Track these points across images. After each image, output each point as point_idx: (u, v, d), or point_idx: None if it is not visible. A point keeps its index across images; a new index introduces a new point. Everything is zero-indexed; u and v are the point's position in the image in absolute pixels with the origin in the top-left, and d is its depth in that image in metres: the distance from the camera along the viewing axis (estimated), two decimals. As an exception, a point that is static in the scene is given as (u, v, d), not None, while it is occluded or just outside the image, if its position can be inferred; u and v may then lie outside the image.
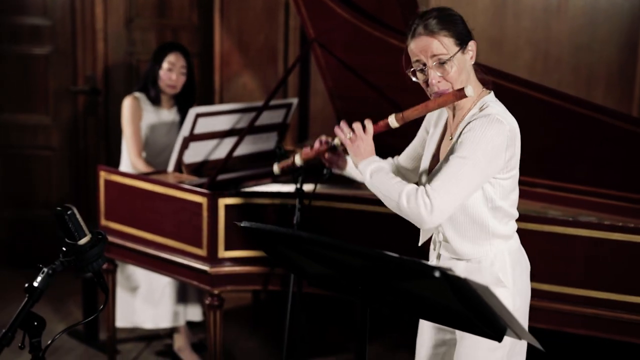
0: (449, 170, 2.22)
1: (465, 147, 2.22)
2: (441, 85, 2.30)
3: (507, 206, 2.35)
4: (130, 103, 4.12)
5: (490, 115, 2.24)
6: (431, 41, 2.26)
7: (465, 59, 2.30)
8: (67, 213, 1.86)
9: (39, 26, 5.21)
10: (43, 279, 1.85)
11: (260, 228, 1.90)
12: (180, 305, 4.17)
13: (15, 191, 5.44)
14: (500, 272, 2.33)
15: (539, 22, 4.59)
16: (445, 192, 2.20)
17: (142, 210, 3.60)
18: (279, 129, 4.20)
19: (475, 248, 2.34)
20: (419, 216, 2.22)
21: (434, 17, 2.28)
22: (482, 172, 2.23)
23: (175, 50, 4.13)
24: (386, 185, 2.29)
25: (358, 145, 2.38)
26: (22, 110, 5.34)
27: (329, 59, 3.87)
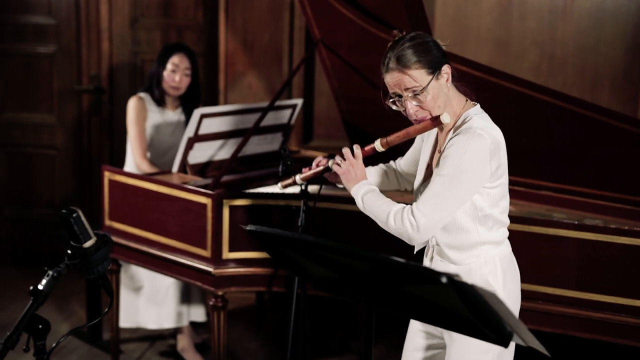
0: (432, 190, 2.29)
1: (447, 164, 2.27)
2: (419, 113, 2.35)
3: (497, 213, 2.39)
4: (135, 104, 4.11)
5: (471, 130, 2.28)
6: (402, 76, 2.31)
7: (440, 84, 2.34)
8: (72, 216, 1.85)
9: (43, 25, 5.21)
10: (48, 282, 1.85)
11: (266, 232, 1.90)
12: (184, 306, 4.17)
13: (19, 190, 5.44)
14: (490, 276, 2.38)
15: (545, 23, 4.58)
16: (429, 210, 2.27)
17: (146, 210, 3.59)
18: (284, 130, 4.19)
19: (465, 254, 2.40)
20: (407, 235, 2.31)
21: (407, 47, 2.32)
22: (465, 187, 2.28)
23: (179, 52, 4.12)
24: (375, 207, 2.37)
25: (348, 170, 2.47)
26: (27, 109, 5.34)
27: (334, 59, 3.87)
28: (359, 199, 2.43)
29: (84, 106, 5.29)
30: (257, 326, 4.57)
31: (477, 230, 2.36)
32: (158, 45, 5.12)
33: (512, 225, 2.98)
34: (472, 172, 2.26)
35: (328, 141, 4.92)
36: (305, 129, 5.00)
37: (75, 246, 1.88)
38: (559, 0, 4.54)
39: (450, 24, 4.65)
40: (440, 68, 2.33)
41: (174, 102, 4.20)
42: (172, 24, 5.17)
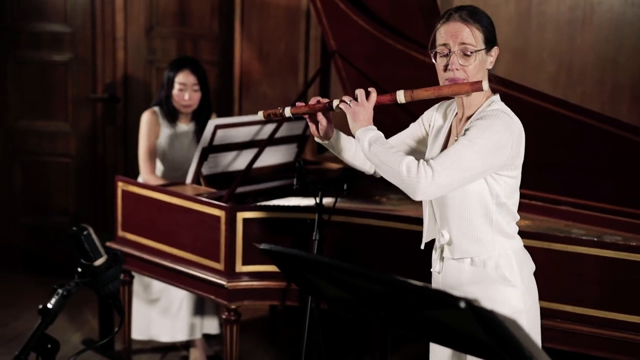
0: (454, 149, 2.22)
1: (472, 131, 2.22)
2: (458, 73, 2.30)
3: (511, 204, 2.35)
4: (148, 118, 4.09)
5: (500, 109, 2.28)
6: (463, 28, 2.28)
7: (486, 59, 2.33)
8: (83, 233, 1.82)
9: (59, 33, 5.20)
10: (57, 300, 1.81)
11: (280, 251, 1.86)
12: (197, 318, 4.13)
13: (34, 198, 5.43)
14: (507, 271, 2.33)
15: (564, 33, 4.52)
16: (447, 166, 2.19)
17: (160, 222, 3.57)
18: (299, 141, 4.15)
19: (480, 247, 2.34)
20: (417, 185, 2.19)
21: (471, 10, 2.32)
22: (484, 159, 2.22)
23: (184, 69, 4.05)
24: (386, 154, 2.25)
25: (357, 111, 2.34)
26: (41, 117, 5.33)
27: (350, 70, 3.83)
28: (366, 142, 2.29)
29: (99, 114, 5.28)
30: (270, 338, 4.52)
31: (492, 217, 2.32)
32: (173, 54, 5.11)
33: (531, 242, 2.94)
34: (494, 147, 2.22)
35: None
36: (320, 139, 4.95)
37: (86, 264, 1.84)
38: (578, 11, 4.48)
39: (467, 34, 4.60)
40: (493, 46, 2.33)
41: (187, 116, 4.17)
42: (187, 32, 5.15)
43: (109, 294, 1.89)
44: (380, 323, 1.89)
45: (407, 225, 3.20)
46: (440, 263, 2.46)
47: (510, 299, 2.33)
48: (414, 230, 3.17)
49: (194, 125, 4.17)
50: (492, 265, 2.34)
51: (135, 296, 4.08)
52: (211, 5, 5.10)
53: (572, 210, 3.47)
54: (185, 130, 4.16)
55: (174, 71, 4.06)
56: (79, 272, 1.86)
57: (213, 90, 5.14)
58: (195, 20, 5.14)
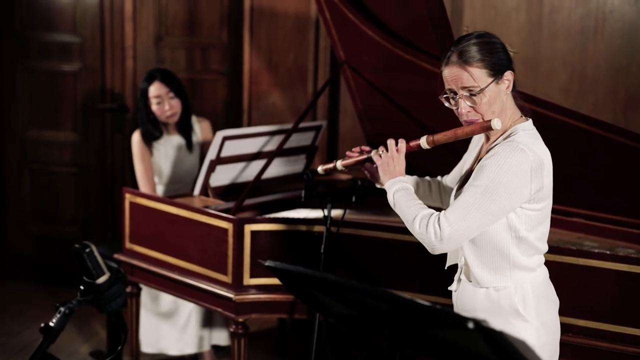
0: (463, 199, 2.19)
1: (482, 175, 2.17)
2: (470, 115, 2.26)
3: (533, 238, 2.27)
4: (139, 139, 4.08)
5: (514, 143, 2.18)
6: (461, 72, 2.22)
7: (499, 89, 2.24)
8: (85, 251, 1.79)
9: (68, 43, 5.20)
10: (59, 319, 1.78)
11: (285, 268, 1.82)
12: (206, 330, 4.11)
13: (43, 207, 5.43)
14: (520, 305, 2.26)
15: (575, 43, 4.47)
16: (456, 221, 2.16)
17: (167, 234, 3.54)
18: (308, 152, 4.12)
19: (495, 277, 2.28)
20: (429, 242, 2.21)
21: (472, 44, 2.23)
22: (498, 203, 2.16)
23: (154, 81, 4.03)
24: (405, 206, 2.27)
25: (387, 163, 2.36)
26: (51, 127, 5.33)
27: (359, 81, 3.80)
28: (391, 194, 2.31)
29: (108, 124, 5.27)
30: (278, 351, 4.49)
31: (509, 251, 2.24)
32: (182, 64, 5.09)
33: (542, 255, 2.90)
34: (507, 188, 2.15)
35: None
36: (329, 149, 4.92)
37: (88, 282, 1.82)
38: (590, 19, 4.43)
39: (478, 43, 4.56)
40: (503, 73, 2.23)
41: (173, 127, 4.14)
42: (196, 42, 5.13)
43: (112, 312, 1.86)
44: (388, 341, 1.86)
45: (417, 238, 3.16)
46: (458, 284, 2.41)
47: (523, 333, 2.24)
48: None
49: (183, 134, 4.15)
50: (506, 298, 2.27)
51: (143, 309, 4.06)
52: (220, 15, 5.08)
53: (584, 222, 3.42)
54: (178, 141, 4.14)
55: (145, 87, 4.05)
56: (81, 290, 1.83)
57: (222, 101, 5.14)
58: (205, 30, 5.12)
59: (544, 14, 4.49)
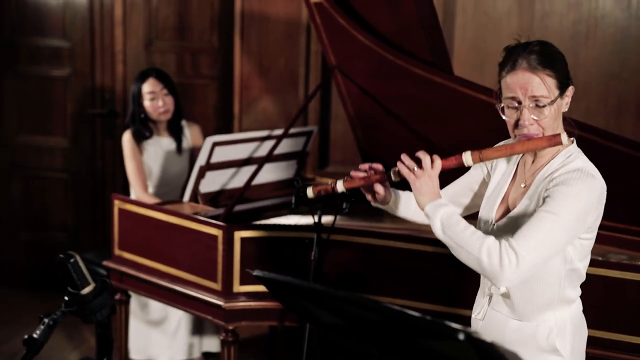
0: (537, 225, 1.99)
1: (556, 203, 2.00)
2: (533, 128, 2.08)
3: (582, 268, 2.16)
4: (129, 138, 4.05)
5: (583, 170, 2.05)
6: (533, 78, 2.04)
7: (561, 104, 2.10)
8: (69, 261, 1.76)
9: (58, 48, 5.16)
10: (43, 330, 1.75)
11: (272, 278, 1.80)
12: (196, 337, 4.08)
13: (33, 214, 5.38)
14: (558, 341, 2.14)
15: (567, 48, 4.44)
16: (532, 248, 1.97)
17: (156, 241, 3.51)
18: (299, 158, 4.10)
19: (538, 313, 2.15)
20: (501, 274, 1.97)
21: (538, 52, 2.07)
22: (570, 232, 2.02)
23: (149, 78, 4.04)
24: (463, 237, 2.03)
25: (424, 181, 2.11)
26: (40, 132, 5.29)
27: (350, 86, 3.77)
28: (437, 221, 2.06)
29: (98, 129, 5.23)
30: (269, 358, 4.46)
31: (559, 284, 2.12)
32: (173, 69, 5.06)
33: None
34: (581, 216, 2.01)
35: (344, 167, 4.81)
36: (321, 155, 4.90)
37: (73, 292, 1.79)
38: (581, 25, 4.43)
39: (469, 49, 4.55)
40: (567, 87, 2.10)
41: (166, 128, 4.12)
42: (187, 47, 5.10)
43: (97, 323, 1.83)
44: (378, 351, 1.83)
45: (410, 245, 3.14)
46: (484, 310, 2.26)
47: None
48: (416, 250, 3.11)
49: (175, 137, 4.14)
50: (544, 333, 2.15)
51: (132, 316, 4.02)
52: (211, 19, 5.05)
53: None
54: (167, 143, 4.12)
55: (139, 84, 4.04)
56: (66, 301, 1.80)
57: (212, 106, 5.11)
58: (195, 35, 5.10)
59: (535, 19, 4.48)
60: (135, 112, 4.05)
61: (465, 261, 2.06)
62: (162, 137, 4.12)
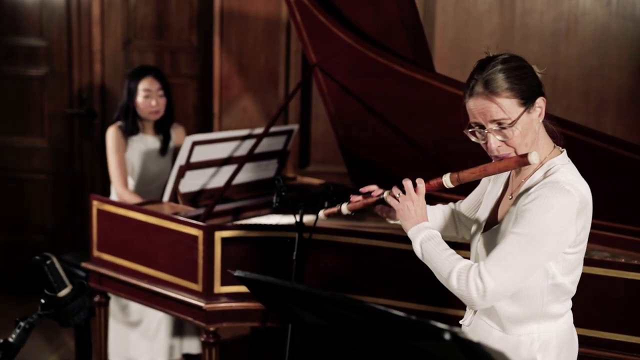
0: (506, 249, 1.98)
1: (526, 222, 1.97)
2: (502, 149, 2.05)
3: (569, 282, 2.10)
4: (114, 133, 4.00)
5: (558, 184, 1.99)
6: (489, 105, 2.00)
7: (531, 118, 2.03)
8: (46, 263, 1.72)
9: (34, 47, 5.10)
10: (19, 334, 1.71)
11: (255, 278, 1.76)
12: (177, 339, 4.04)
13: (10, 215, 5.31)
14: (539, 354, 2.10)
15: (548, 45, 4.46)
16: (500, 274, 1.96)
17: (136, 241, 3.46)
18: (279, 157, 4.06)
19: (521, 324, 2.11)
20: (470, 299, 2.00)
21: (497, 71, 1.99)
22: (546, 252, 1.98)
23: (147, 75, 3.99)
24: (436, 258, 2.05)
25: (407, 207, 2.13)
26: (17, 133, 5.22)
27: (331, 84, 3.75)
28: (417, 245, 2.09)
29: (76, 130, 5.17)
30: (251, 359, 4.42)
31: (542, 299, 2.07)
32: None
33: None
34: (555, 234, 1.96)
35: (325, 166, 4.79)
36: (301, 154, 4.87)
37: (49, 295, 1.74)
38: (562, 22, 4.43)
39: (450, 47, 4.53)
40: (534, 100, 2.02)
41: (152, 127, 4.08)
42: (165, 45, 5.05)
43: (74, 326, 1.79)
44: (363, 352, 1.80)
45: (394, 244, 3.11)
46: (471, 317, 2.24)
47: None
48: (400, 249, 3.09)
49: (160, 136, 4.09)
50: (526, 345, 2.10)
51: (112, 317, 3.97)
52: (190, 18, 5.01)
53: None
54: (152, 142, 4.08)
55: (137, 79, 3.99)
56: (42, 304, 1.76)
57: (192, 105, 5.06)
58: (174, 33, 5.05)
59: (516, 16, 4.48)
60: (128, 106, 4.00)
61: (443, 283, 2.07)
62: (148, 136, 4.08)
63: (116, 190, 3.99)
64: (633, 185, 3.13)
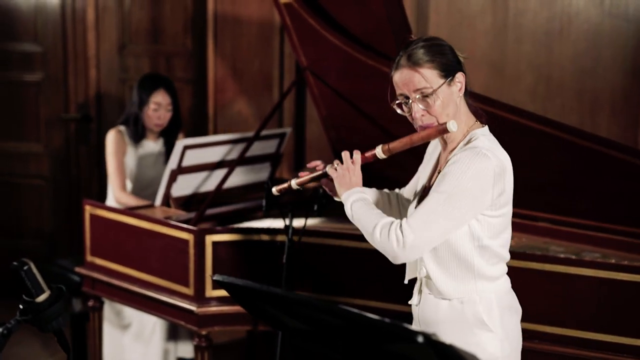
0: (426, 206, 2.13)
1: (446, 182, 2.12)
2: (425, 119, 2.20)
3: (497, 246, 2.23)
4: (114, 137, 4.00)
5: (476, 149, 2.14)
6: (413, 74, 2.18)
7: (452, 91, 2.20)
8: (23, 268, 1.72)
9: (29, 52, 5.11)
10: (-3, 340, 1.71)
11: (232, 283, 1.76)
12: (171, 343, 4.03)
13: (6, 220, 5.33)
14: (485, 314, 2.22)
15: (541, 45, 4.45)
16: (420, 228, 2.11)
17: (128, 246, 3.47)
18: (272, 160, 4.06)
19: (459, 287, 2.23)
20: (392, 251, 2.14)
21: (420, 47, 2.19)
22: (462, 209, 2.12)
23: (160, 88, 3.97)
24: (363, 216, 2.20)
25: (344, 175, 2.28)
26: (13, 138, 5.23)
27: (322, 87, 3.74)
28: (348, 206, 2.24)
29: (72, 135, 5.18)
30: (247, 361, 4.43)
31: (472, 261, 2.20)
32: (146, 72, 5.01)
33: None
34: (471, 193, 2.11)
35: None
36: (296, 156, 4.87)
37: (28, 300, 1.74)
38: (555, 22, 4.41)
39: (444, 47, 4.52)
40: (454, 74, 2.20)
41: (154, 134, 4.08)
42: (160, 50, 5.06)
43: (53, 332, 1.79)
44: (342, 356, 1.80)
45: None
46: (419, 296, 2.35)
47: (487, 344, 2.22)
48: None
49: (162, 143, 4.09)
50: (470, 308, 2.22)
51: (107, 322, 3.98)
52: (184, 22, 5.01)
53: (550, 227, 3.39)
54: (153, 148, 4.08)
55: (149, 90, 3.97)
56: (20, 309, 1.76)
57: (187, 109, 5.07)
58: (168, 38, 5.05)
59: (509, 16, 4.46)
60: (137, 115, 3.99)
61: (368, 240, 2.20)
62: (149, 141, 4.07)
63: (114, 193, 3.99)
64: (622, 186, 3.13)
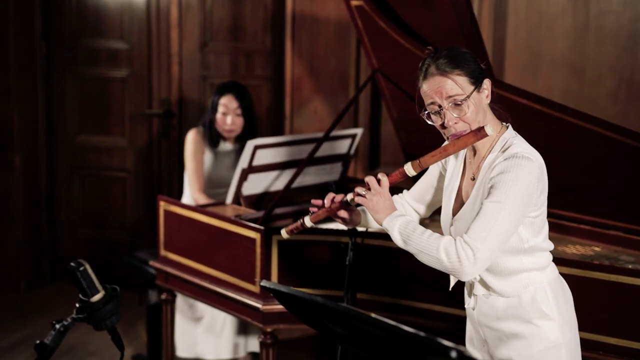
0: (486, 217, 2.14)
1: (498, 191, 2.14)
2: (458, 126, 2.22)
3: (540, 242, 2.29)
4: (193, 137, 4.10)
5: (518, 154, 2.17)
6: (445, 81, 2.20)
7: (481, 97, 2.24)
8: (79, 269, 1.81)
9: (116, 49, 5.29)
10: (54, 336, 1.81)
11: (277, 289, 1.81)
12: (241, 337, 4.12)
13: (92, 211, 5.53)
14: (544, 305, 2.26)
15: (624, 48, 4.32)
16: (484, 240, 2.12)
17: (199, 242, 3.56)
18: (343, 160, 4.09)
19: (512, 284, 2.28)
20: (461, 269, 2.14)
21: (445, 56, 2.23)
22: (518, 214, 2.16)
23: (227, 93, 4.05)
24: (420, 241, 2.19)
25: (376, 201, 2.27)
26: (100, 133, 5.42)
27: (393, 89, 3.75)
28: (396, 233, 2.23)
29: (154, 130, 5.34)
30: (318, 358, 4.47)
31: (521, 259, 2.26)
32: (227, 70, 5.12)
33: (573, 270, 2.81)
34: (523, 199, 2.15)
35: (395, 168, 4.74)
36: (371, 156, 4.88)
37: (83, 300, 1.83)
38: (639, 23, 4.28)
39: (522, 49, 4.46)
40: (482, 81, 2.24)
41: (230, 138, 4.14)
42: (240, 48, 5.15)
43: (107, 330, 1.87)
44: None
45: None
46: (473, 299, 2.39)
47: (549, 332, 2.27)
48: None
49: (238, 145, 4.15)
50: (528, 300, 2.27)
51: (180, 314, 4.10)
52: (264, 20, 5.09)
53: (622, 235, 3.31)
54: (229, 149, 4.15)
55: (219, 94, 4.07)
56: (77, 308, 1.85)
57: (265, 107, 5.14)
58: (249, 36, 5.14)
59: (590, 17, 4.36)
60: (211, 119, 4.09)
61: (428, 264, 2.20)
62: (226, 143, 4.15)
63: (192, 194, 4.08)
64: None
